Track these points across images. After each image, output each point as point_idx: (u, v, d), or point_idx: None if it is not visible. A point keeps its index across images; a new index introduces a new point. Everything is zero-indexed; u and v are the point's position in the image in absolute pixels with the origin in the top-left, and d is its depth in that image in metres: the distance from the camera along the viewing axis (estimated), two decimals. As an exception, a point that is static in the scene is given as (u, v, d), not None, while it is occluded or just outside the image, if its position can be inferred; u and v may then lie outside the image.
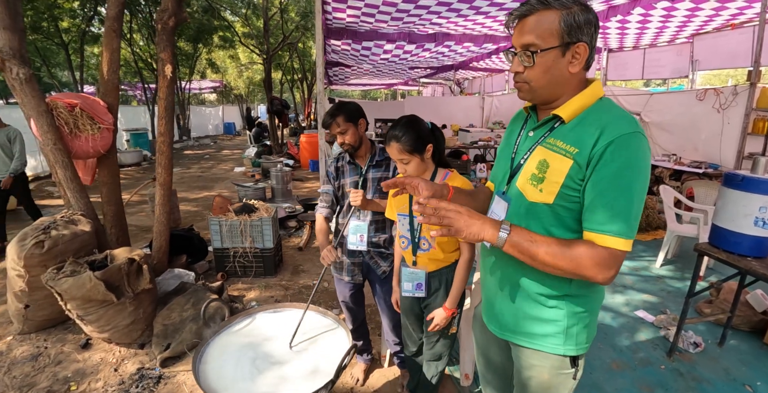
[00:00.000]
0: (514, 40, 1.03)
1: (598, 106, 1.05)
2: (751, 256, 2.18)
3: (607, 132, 0.97)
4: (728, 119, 5.69)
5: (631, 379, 2.44)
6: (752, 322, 2.96)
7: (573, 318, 1.14)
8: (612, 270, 0.96)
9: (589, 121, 1.02)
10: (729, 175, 2.22)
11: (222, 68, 20.32)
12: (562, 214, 1.05)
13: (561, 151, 1.03)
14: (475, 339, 1.54)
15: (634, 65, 8.80)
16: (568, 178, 1.01)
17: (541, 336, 1.16)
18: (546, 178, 1.05)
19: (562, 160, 1.02)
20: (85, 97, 3.08)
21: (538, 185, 1.07)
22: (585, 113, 1.04)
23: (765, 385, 2.38)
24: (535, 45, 0.99)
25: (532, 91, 1.06)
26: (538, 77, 1.03)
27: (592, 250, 0.97)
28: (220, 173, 10.29)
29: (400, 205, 1.70)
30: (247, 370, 1.51)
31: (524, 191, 1.11)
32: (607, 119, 1.00)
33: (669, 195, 4.18)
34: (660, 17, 6.00)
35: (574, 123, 1.05)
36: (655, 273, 3.93)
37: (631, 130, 0.96)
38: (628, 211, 0.96)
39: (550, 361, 1.18)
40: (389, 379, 2.44)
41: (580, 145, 1.00)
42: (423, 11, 5.28)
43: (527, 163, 1.12)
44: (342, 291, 2.17)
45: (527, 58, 1.00)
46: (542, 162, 1.06)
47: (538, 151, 1.10)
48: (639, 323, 3.04)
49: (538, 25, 0.98)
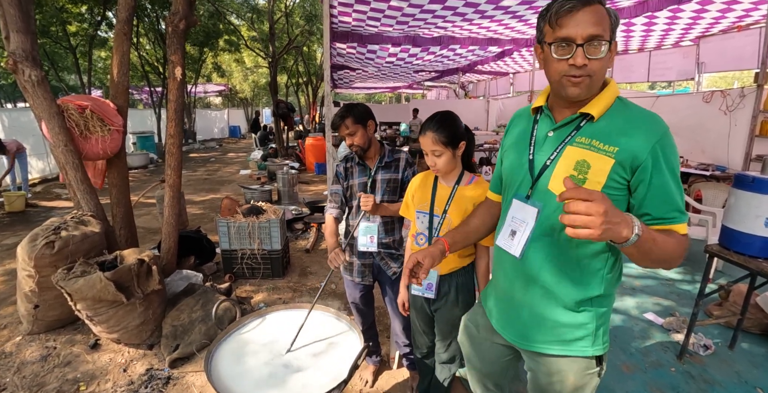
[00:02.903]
0: (575, 30, 0.96)
1: (619, 104, 1.06)
2: (762, 258, 2.17)
3: (644, 133, 0.99)
4: (735, 121, 5.67)
5: (642, 381, 2.42)
6: (763, 324, 2.93)
7: (600, 319, 1.14)
8: (683, 255, 1.02)
9: (621, 120, 1.03)
10: (740, 176, 2.21)
11: (227, 72, 20.46)
12: None
13: (600, 150, 1.02)
14: (473, 347, 1.48)
15: (640, 68, 8.78)
16: (610, 179, 1.01)
17: (572, 341, 1.15)
18: (588, 179, 1.03)
19: (604, 160, 1.01)
20: (96, 99, 3.11)
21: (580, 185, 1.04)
22: (611, 112, 1.05)
23: (777, 389, 2.36)
24: (603, 36, 0.97)
25: (592, 86, 1.02)
26: (600, 69, 1.00)
27: (678, 238, 1.00)
28: (226, 176, 10.33)
29: (420, 202, 1.69)
30: (258, 370, 1.51)
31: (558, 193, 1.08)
32: (640, 118, 1.02)
33: (677, 197, 4.15)
34: (666, 19, 6.00)
35: (604, 121, 1.05)
36: (663, 276, 3.91)
37: (665, 128, 1.01)
38: (683, 199, 1.02)
39: (577, 364, 1.17)
40: (398, 381, 2.43)
41: (620, 144, 1.00)
42: (428, 15, 5.31)
43: (558, 165, 1.09)
44: (352, 292, 2.17)
45: (596, 49, 0.97)
46: (581, 162, 1.04)
47: (571, 151, 1.07)
48: (648, 326, 3.02)
49: (601, 17, 0.97)
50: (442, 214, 1.61)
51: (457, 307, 1.69)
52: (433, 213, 1.64)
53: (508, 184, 1.26)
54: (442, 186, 1.65)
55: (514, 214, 1.19)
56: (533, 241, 1.13)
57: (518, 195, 1.19)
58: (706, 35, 7.05)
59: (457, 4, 4.83)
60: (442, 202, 1.62)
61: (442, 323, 1.75)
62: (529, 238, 1.13)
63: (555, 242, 1.11)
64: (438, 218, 1.62)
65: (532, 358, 1.25)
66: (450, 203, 1.60)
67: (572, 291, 1.11)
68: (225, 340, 1.68)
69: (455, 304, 1.69)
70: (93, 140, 2.94)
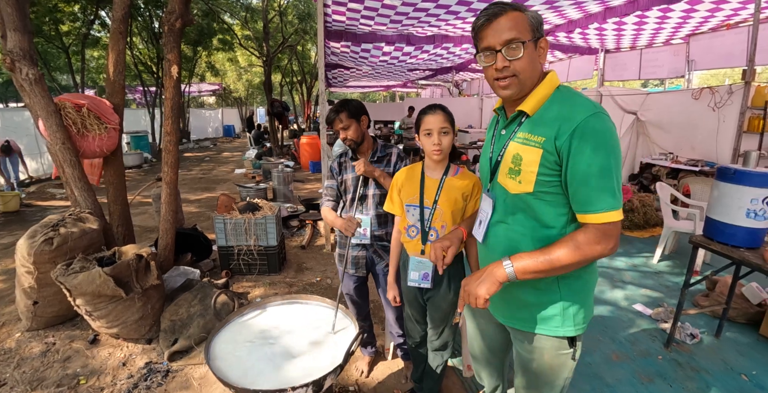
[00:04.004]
0: (492, 39, 1.08)
1: (557, 95, 1.13)
2: (744, 247, 2.24)
3: (568, 120, 1.05)
4: (724, 118, 5.76)
5: (630, 369, 2.49)
6: (748, 314, 3.01)
7: (569, 299, 1.20)
8: (613, 240, 1.06)
9: (550, 112, 1.10)
10: (722, 169, 2.29)
11: (221, 71, 20.40)
12: (547, 200, 1.12)
13: (530, 142, 1.11)
14: (474, 321, 1.60)
15: (632, 65, 8.88)
16: (542, 167, 1.09)
17: (542, 319, 1.23)
18: (522, 169, 1.12)
19: (533, 151, 1.10)
20: (92, 97, 3.13)
21: (516, 177, 1.14)
22: (547, 104, 1.12)
23: (761, 375, 2.44)
24: (518, 38, 1.06)
25: (521, 84, 1.11)
26: (525, 68, 1.09)
27: (587, 233, 1.06)
28: (221, 175, 10.34)
29: (409, 196, 1.74)
30: (256, 357, 1.56)
31: (506, 185, 1.18)
32: (564, 108, 1.08)
33: (666, 192, 4.25)
34: (656, 18, 6.09)
35: (539, 115, 1.13)
36: (653, 268, 3.99)
37: (588, 114, 1.04)
38: (612, 186, 1.04)
39: (549, 343, 1.24)
40: (393, 371, 2.49)
41: (545, 134, 1.08)
42: (421, 14, 5.35)
43: (503, 160, 1.19)
44: (347, 284, 2.22)
45: (513, 51, 1.07)
46: (516, 156, 1.14)
47: (511, 146, 1.17)
48: (637, 316, 3.10)
49: (514, 22, 1.07)
50: (433, 205, 1.67)
51: (449, 295, 1.74)
52: (423, 205, 1.69)
53: (481, 179, 1.41)
54: (430, 178, 1.71)
55: (481, 205, 1.34)
56: (491, 228, 1.26)
57: (484, 189, 1.35)
58: (696, 33, 7.14)
59: (449, 2, 4.88)
60: (431, 193, 1.67)
61: (435, 311, 1.80)
62: (488, 225, 1.26)
63: (509, 227, 1.22)
64: (429, 210, 1.68)
65: (515, 335, 1.35)
66: (440, 194, 1.66)
67: None
68: (225, 328, 1.73)
69: (447, 291, 1.74)
70: (90, 138, 2.97)
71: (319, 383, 1.39)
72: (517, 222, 1.19)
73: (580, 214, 1.08)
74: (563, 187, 1.10)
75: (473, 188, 1.65)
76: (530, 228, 1.17)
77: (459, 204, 1.64)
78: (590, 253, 1.06)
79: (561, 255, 1.06)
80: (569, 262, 1.06)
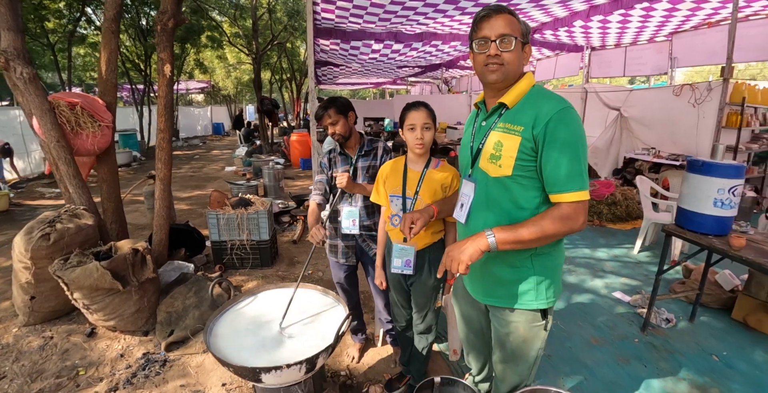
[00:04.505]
0: (489, 31, 1.24)
1: (533, 92, 1.29)
2: (713, 234, 2.38)
3: (543, 112, 1.21)
4: (703, 113, 5.95)
5: (608, 352, 2.63)
6: (721, 299, 3.18)
7: (541, 275, 1.34)
8: (582, 216, 1.21)
9: (527, 105, 1.26)
10: (691, 161, 2.42)
11: (210, 68, 20.26)
12: (523, 183, 1.27)
13: (511, 131, 1.26)
14: (458, 307, 1.73)
15: (617, 63, 9.03)
16: (521, 152, 1.24)
17: (517, 295, 1.36)
18: (502, 155, 1.27)
19: (512, 139, 1.25)
20: (85, 96, 3.18)
21: (497, 162, 1.29)
22: (524, 99, 1.29)
23: (731, 355, 2.59)
24: (511, 35, 1.23)
25: (506, 73, 1.27)
26: (511, 60, 1.25)
27: (560, 209, 1.21)
28: (212, 173, 10.34)
29: (393, 187, 1.85)
30: (251, 341, 1.65)
31: (487, 170, 1.33)
32: (540, 102, 1.24)
33: (645, 185, 4.41)
34: (639, 17, 6.23)
35: (517, 107, 1.29)
36: (633, 259, 4.15)
37: (561, 107, 1.21)
38: (580, 170, 1.20)
39: (525, 316, 1.38)
40: (383, 357, 2.60)
41: (524, 124, 1.24)
42: (410, 12, 5.45)
43: (485, 147, 1.34)
44: (337, 273, 2.33)
45: (506, 44, 1.23)
46: (497, 143, 1.29)
47: (492, 135, 1.32)
48: (616, 303, 3.25)
49: (510, 22, 1.25)
50: (414, 196, 1.79)
51: (430, 280, 1.86)
52: (405, 196, 1.81)
53: (461, 168, 1.54)
54: (412, 171, 1.82)
55: (462, 190, 1.45)
56: (473, 210, 1.39)
57: (464, 175, 1.48)
58: (679, 31, 7.30)
59: (437, 1, 4.98)
60: (413, 185, 1.79)
61: (418, 296, 1.92)
62: (470, 207, 1.39)
63: (489, 209, 1.35)
64: (410, 200, 1.80)
65: (492, 312, 1.48)
66: (420, 185, 1.77)
67: (505, 251, 1.32)
68: (222, 315, 1.82)
69: (428, 277, 1.86)
70: (84, 136, 3.02)
71: (312, 361, 1.49)
72: (495, 204, 1.33)
73: (553, 194, 1.23)
74: (537, 172, 1.25)
75: (452, 180, 1.76)
76: (507, 209, 1.31)
77: (438, 194, 1.75)
78: (562, 228, 1.20)
79: (537, 228, 1.20)
80: (544, 234, 1.20)
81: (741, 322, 2.96)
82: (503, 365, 1.51)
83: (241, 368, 1.45)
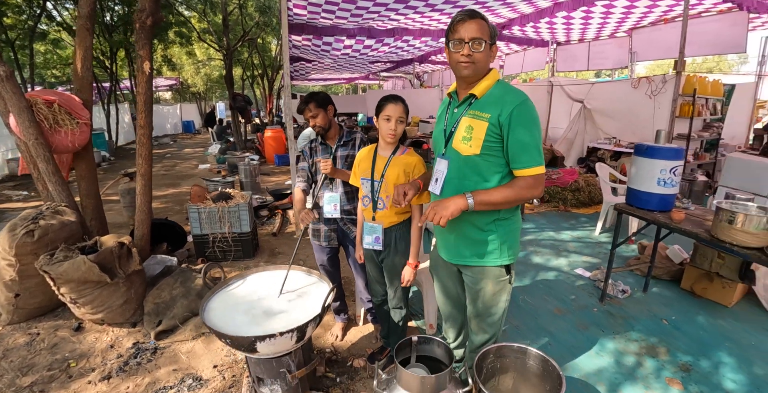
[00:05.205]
0: (464, 33, 1.46)
1: (497, 85, 1.54)
2: (658, 210, 2.66)
3: (507, 104, 1.45)
4: (659, 104, 6.35)
5: (570, 320, 2.90)
6: (672, 272, 3.50)
7: (503, 237, 1.60)
8: (540, 186, 1.49)
9: (493, 97, 1.51)
10: (638, 145, 2.69)
11: (178, 65, 19.80)
12: (489, 160, 1.51)
13: (479, 117, 1.50)
14: (437, 278, 1.93)
15: (581, 57, 9.42)
16: (487, 135, 1.48)
17: (485, 254, 1.61)
18: (473, 136, 1.51)
19: (481, 124, 1.49)
20: (61, 93, 3.20)
21: (468, 143, 1.52)
22: (490, 91, 1.53)
23: (678, 320, 2.90)
24: (482, 38, 1.46)
25: (476, 69, 1.50)
26: (481, 59, 1.49)
27: (524, 180, 1.48)
28: (185, 171, 10.24)
29: (364, 171, 2.04)
30: (243, 317, 1.79)
31: (459, 149, 1.55)
32: (504, 95, 1.49)
33: (604, 171, 4.73)
34: (601, 13, 6.56)
35: (484, 98, 1.53)
36: (594, 239, 4.47)
37: (522, 100, 1.46)
38: (538, 150, 1.47)
39: (492, 272, 1.63)
40: (365, 335, 2.78)
41: (491, 112, 1.48)
42: (381, 8, 5.59)
43: (458, 130, 1.57)
44: (320, 256, 2.49)
45: (477, 46, 1.46)
46: (469, 126, 1.52)
47: (464, 120, 1.55)
48: (578, 278, 3.54)
49: (482, 27, 1.47)
50: (380, 179, 1.97)
51: (397, 256, 2.06)
52: (373, 179, 2.00)
53: (434, 148, 1.76)
54: (380, 157, 2.01)
55: (437, 167, 1.67)
56: (446, 183, 1.62)
57: (438, 154, 1.69)
58: (638, 27, 7.69)
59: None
60: (380, 169, 1.98)
61: (388, 271, 2.11)
62: (444, 181, 1.62)
63: (460, 182, 1.58)
64: (377, 183, 1.99)
65: (465, 271, 1.71)
66: (386, 170, 1.96)
67: (478, 215, 1.58)
68: (214, 295, 1.95)
69: (396, 252, 2.06)
70: (62, 133, 3.05)
71: (303, 329, 1.65)
72: (466, 177, 1.57)
73: (517, 170, 1.49)
74: (502, 152, 1.49)
75: (415, 166, 1.95)
76: (475, 182, 1.55)
77: (401, 178, 1.93)
78: (526, 194, 1.47)
79: (506, 193, 1.47)
80: (511, 198, 1.47)
81: (688, 291, 3.29)
82: (477, 319, 1.76)
83: (237, 338, 1.60)
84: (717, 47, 6.65)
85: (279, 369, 1.84)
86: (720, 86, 6.85)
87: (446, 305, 1.96)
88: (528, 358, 1.68)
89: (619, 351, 2.56)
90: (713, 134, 6.81)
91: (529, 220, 5.20)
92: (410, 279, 2.01)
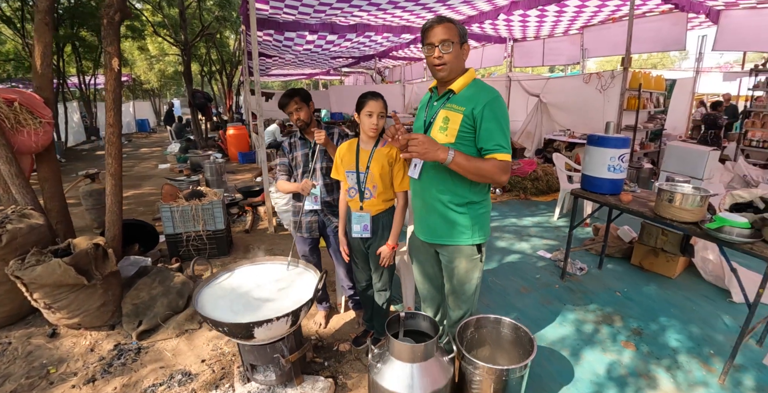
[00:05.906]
0: (433, 38, 1.61)
1: (473, 83, 1.71)
2: (609, 194, 2.95)
3: (481, 100, 1.63)
4: (608, 98, 6.78)
5: (535, 297, 3.16)
6: (623, 250, 3.85)
7: (474, 218, 1.78)
8: (507, 172, 1.64)
9: (469, 93, 1.68)
10: (590, 136, 2.96)
11: (130, 61, 18.91)
12: (462, 149, 1.66)
13: (455, 110, 1.67)
14: (416, 260, 2.08)
15: (536, 53, 9.82)
16: (462, 125, 1.65)
17: (458, 233, 1.78)
18: (449, 127, 1.68)
19: (457, 115, 1.66)
20: (22, 92, 3.08)
21: (444, 132, 1.69)
22: (467, 88, 1.70)
23: (630, 291, 3.24)
24: (450, 40, 1.60)
25: (450, 70, 1.66)
26: (453, 60, 1.63)
27: (496, 162, 1.61)
28: (144, 171, 9.89)
29: (348, 165, 2.16)
30: (236, 306, 1.87)
31: (436, 138, 1.71)
32: (479, 92, 1.66)
33: (561, 161, 5.07)
34: (554, 12, 6.91)
35: (461, 94, 1.70)
36: (553, 224, 4.81)
37: (493, 96, 1.64)
38: (507, 139, 1.63)
39: (465, 251, 1.80)
40: (347, 321, 2.91)
41: (466, 106, 1.65)
42: (345, 4, 5.65)
43: (436, 121, 1.74)
44: (302, 247, 2.60)
45: (446, 47, 1.60)
46: (445, 117, 1.70)
47: (442, 112, 1.72)
48: (540, 260, 3.83)
49: (450, 30, 1.61)
50: (366, 170, 2.11)
51: (384, 241, 2.20)
52: (359, 171, 2.13)
53: None
54: (363, 150, 2.14)
55: None
56: (424, 168, 1.79)
57: None
58: (589, 25, 8.13)
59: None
60: (364, 161, 2.12)
61: (375, 256, 2.25)
62: (422, 166, 1.79)
63: (437, 167, 1.73)
64: (363, 174, 2.12)
65: (441, 251, 1.88)
66: (371, 161, 2.10)
67: (453, 198, 1.75)
68: (204, 287, 2.02)
69: (383, 238, 2.20)
70: (25, 133, 2.96)
71: (297, 313, 1.76)
72: (441, 164, 1.69)
73: (488, 154, 1.63)
74: (474, 141, 1.66)
75: (396, 155, 2.09)
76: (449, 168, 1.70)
77: (386, 168, 2.09)
78: (493, 175, 1.61)
79: (479, 164, 1.60)
80: (482, 171, 1.59)
81: (638, 266, 3.64)
82: (453, 296, 1.93)
83: (235, 325, 1.68)
84: (660, 44, 7.18)
85: (273, 354, 1.94)
86: (662, 81, 7.39)
87: (424, 285, 2.11)
88: (503, 327, 1.88)
89: (579, 321, 2.83)
90: (657, 125, 7.36)
91: (493, 209, 5.40)
92: (388, 259, 2.15)
